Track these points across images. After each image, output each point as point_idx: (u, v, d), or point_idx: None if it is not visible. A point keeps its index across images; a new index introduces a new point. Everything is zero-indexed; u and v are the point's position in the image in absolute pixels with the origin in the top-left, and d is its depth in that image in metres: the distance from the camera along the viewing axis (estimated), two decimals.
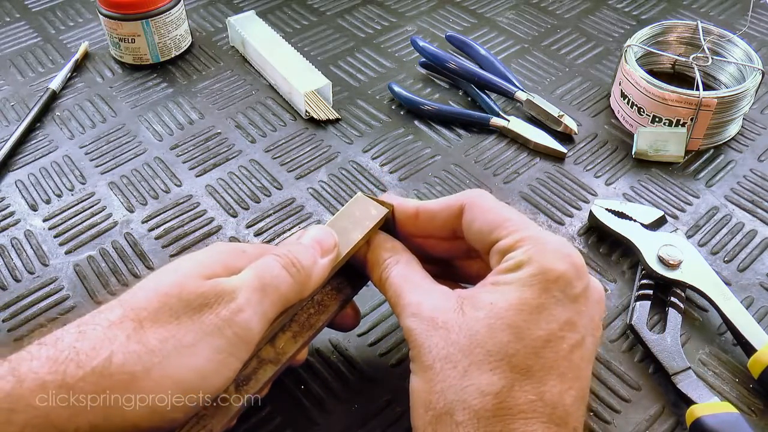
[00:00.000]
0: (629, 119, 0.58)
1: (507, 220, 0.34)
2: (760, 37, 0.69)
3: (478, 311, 0.31)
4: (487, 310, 0.30)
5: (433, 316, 0.31)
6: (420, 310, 0.32)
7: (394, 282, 0.34)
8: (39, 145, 0.58)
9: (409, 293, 0.33)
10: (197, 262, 0.33)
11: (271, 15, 0.73)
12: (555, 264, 0.31)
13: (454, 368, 0.30)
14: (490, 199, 0.35)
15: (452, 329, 0.31)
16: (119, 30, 0.63)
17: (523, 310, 0.30)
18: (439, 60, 0.62)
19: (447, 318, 0.31)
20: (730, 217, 0.51)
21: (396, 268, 0.35)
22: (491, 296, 0.31)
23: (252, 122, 0.60)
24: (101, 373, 0.27)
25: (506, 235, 0.33)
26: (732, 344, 0.43)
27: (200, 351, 0.29)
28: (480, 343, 0.30)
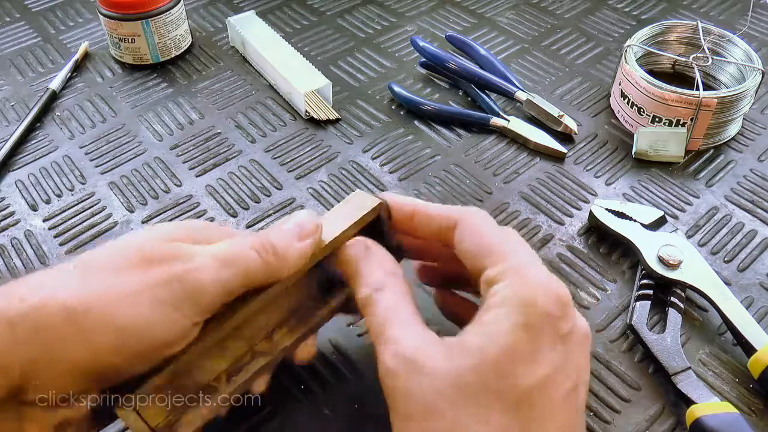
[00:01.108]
0: (629, 119, 0.58)
1: (494, 245, 0.32)
2: (760, 37, 0.69)
3: (466, 358, 0.28)
4: (476, 357, 0.28)
5: (415, 358, 0.28)
6: (403, 348, 0.29)
7: (382, 309, 0.31)
8: (39, 145, 0.58)
9: (394, 327, 0.30)
10: (162, 229, 0.32)
11: (271, 15, 0.73)
12: (542, 302, 0.29)
13: (440, 420, 0.27)
14: (483, 219, 0.34)
15: (437, 376, 0.28)
16: (119, 30, 0.63)
17: (515, 355, 0.28)
18: (439, 60, 0.62)
19: (433, 363, 0.28)
20: (730, 217, 0.51)
21: (387, 294, 0.32)
22: (480, 339, 0.28)
23: (252, 122, 0.60)
24: (42, 307, 0.28)
25: (492, 264, 0.31)
26: (732, 344, 0.43)
27: (143, 299, 0.29)
28: (470, 394, 0.27)
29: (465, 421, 0.27)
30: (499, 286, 0.30)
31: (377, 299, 0.32)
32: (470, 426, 0.27)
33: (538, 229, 0.50)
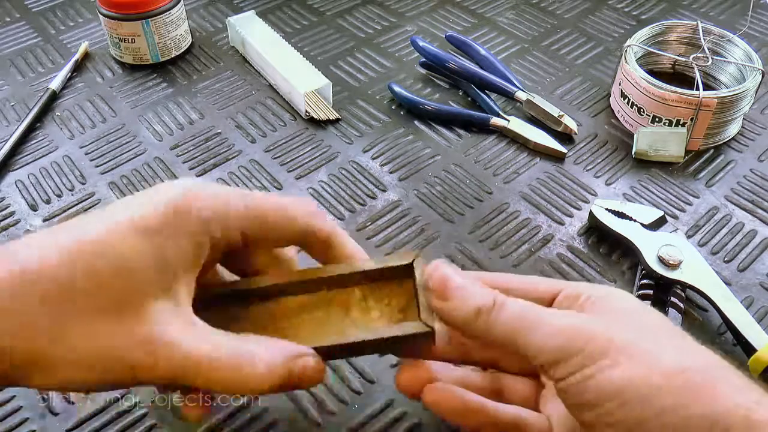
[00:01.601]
0: (629, 119, 0.58)
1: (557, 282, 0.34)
2: (760, 37, 0.69)
3: (618, 303, 0.31)
4: (627, 302, 0.31)
5: (582, 316, 0.30)
6: (567, 315, 0.30)
7: (517, 309, 0.30)
8: (39, 145, 0.58)
9: (538, 314, 0.30)
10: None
11: (271, 15, 0.73)
12: None
13: (659, 341, 0.28)
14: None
15: (614, 318, 0.30)
16: (119, 30, 0.63)
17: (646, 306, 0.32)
18: (439, 60, 0.62)
19: (602, 312, 0.30)
20: (730, 217, 0.51)
21: (510, 303, 0.30)
22: (617, 303, 0.31)
23: (252, 122, 0.60)
24: None
25: (567, 287, 0.32)
26: (732, 344, 0.43)
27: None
28: (657, 322, 0.30)
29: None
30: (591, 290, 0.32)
31: (500, 313, 0.30)
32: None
33: (538, 229, 0.50)
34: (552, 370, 0.28)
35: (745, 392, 0.26)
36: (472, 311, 0.30)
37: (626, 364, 0.27)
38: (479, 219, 0.51)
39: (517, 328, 0.29)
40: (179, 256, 0.29)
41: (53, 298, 0.26)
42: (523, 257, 0.48)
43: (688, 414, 0.25)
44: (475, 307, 0.30)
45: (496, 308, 0.30)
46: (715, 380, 0.26)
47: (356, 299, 0.34)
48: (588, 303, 0.31)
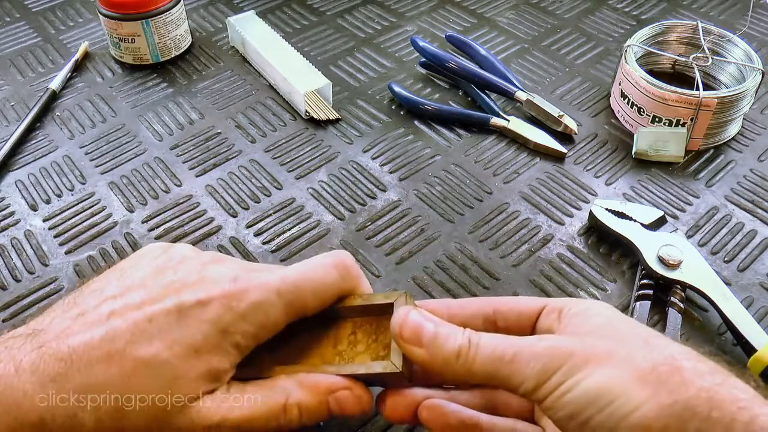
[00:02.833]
0: (629, 119, 0.58)
1: (544, 299, 0.34)
2: (760, 37, 0.69)
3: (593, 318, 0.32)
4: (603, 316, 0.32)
5: (559, 337, 0.31)
6: (544, 339, 0.30)
7: (490, 344, 0.30)
8: (39, 145, 0.58)
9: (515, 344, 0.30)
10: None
11: (271, 15, 0.73)
12: None
13: (630, 345, 0.29)
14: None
15: (590, 334, 0.30)
16: (119, 30, 0.63)
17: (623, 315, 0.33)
18: (439, 60, 0.62)
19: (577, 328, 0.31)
20: (730, 217, 0.51)
21: (485, 340, 0.30)
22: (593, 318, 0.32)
23: (252, 122, 0.60)
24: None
25: (551, 303, 0.33)
26: (732, 344, 0.43)
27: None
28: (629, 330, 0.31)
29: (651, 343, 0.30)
30: (572, 304, 0.33)
31: (478, 345, 0.30)
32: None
33: (538, 229, 0.50)
34: (535, 394, 0.29)
35: (709, 376, 0.28)
36: (452, 355, 0.30)
37: (601, 370, 0.28)
38: (479, 219, 0.51)
39: (496, 363, 0.30)
40: (223, 358, 0.32)
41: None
42: (523, 257, 0.48)
43: (661, 404, 0.27)
44: (453, 350, 0.30)
45: (472, 348, 0.30)
46: (682, 370, 0.28)
47: (346, 333, 0.35)
48: (567, 317, 0.32)
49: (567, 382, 0.28)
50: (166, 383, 0.30)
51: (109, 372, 0.30)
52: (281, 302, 0.32)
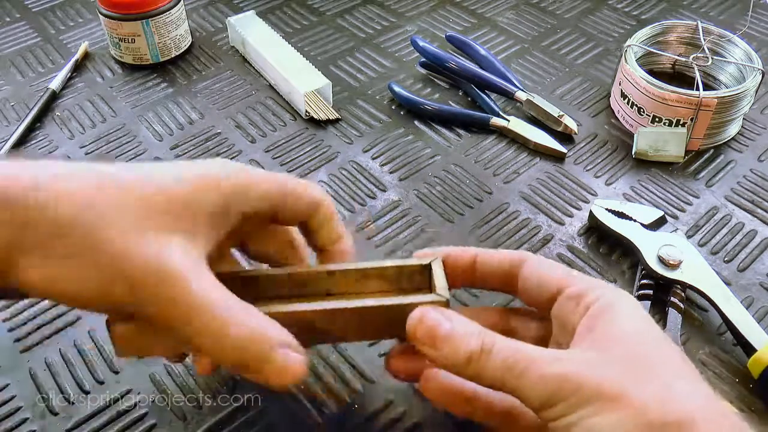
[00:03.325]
0: (629, 119, 0.58)
1: (569, 274, 0.33)
2: (760, 37, 0.69)
3: (616, 325, 0.30)
4: (626, 322, 0.30)
5: (576, 357, 0.30)
6: (559, 360, 0.29)
7: (505, 348, 0.30)
8: (39, 145, 0.58)
9: (529, 357, 0.29)
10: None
11: (271, 15, 0.73)
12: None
13: (649, 385, 0.28)
14: (546, 259, 0.35)
15: (610, 353, 0.29)
16: (119, 30, 0.63)
17: (647, 316, 0.31)
18: (439, 60, 0.62)
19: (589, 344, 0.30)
20: (730, 217, 0.51)
21: (498, 337, 0.30)
22: (616, 327, 0.30)
23: (252, 122, 0.60)
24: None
25: (573, 284, 0.32)
26: (732, 344, 0.43)
27: None
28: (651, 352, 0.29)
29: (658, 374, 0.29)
30: (598, 293, 0.31)
31: (491, 350, 0.30)
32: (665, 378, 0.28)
33: (538, 229, 0.50)
34: (540, 413, 0.29)
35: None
36: (462, 360, 0.30)
37: (609, 412, 0.27)
38: (479, 219, 0.51)
39: (506, 374, 0.29)
40: (205, 212, 0.30)
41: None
42: None
43: None
44: (465, 356, 0.30)
45: (484, 355, 0.30)
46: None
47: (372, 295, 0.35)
48: (591, 315, 0.31)
49: (570, 416, 0.28)
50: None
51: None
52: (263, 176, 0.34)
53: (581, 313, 0.31)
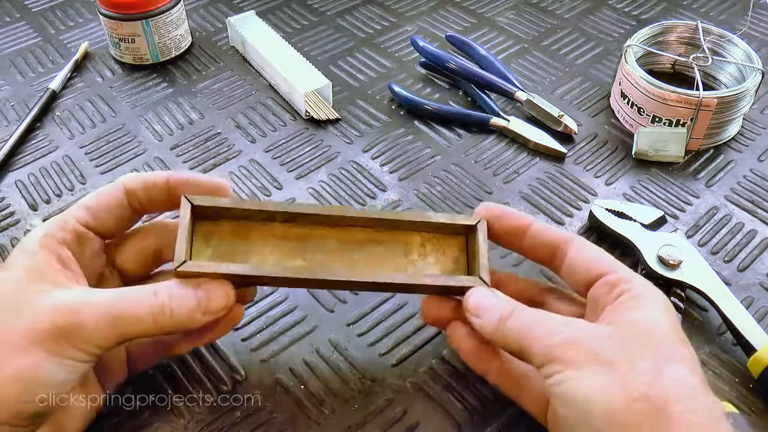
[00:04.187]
0: (629, 119, 0.58)
1: (613, 261, 0.35)
2: (760, 37, 0.69)
3: (637, 312, 0.32)
4: (647, 311, 0.32)
5: (587, 326, 0.32)
6: (571, 324, 0.32)
7: (523, 315, 0.33)
8: (39, 145, 0.58)
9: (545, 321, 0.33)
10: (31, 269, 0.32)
11: (271, 15, 0.73)
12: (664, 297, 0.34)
13: (642, 362, 0.30)
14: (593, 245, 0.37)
15: (619, 330, 0.31)
16: (119, 30, 0.63)
17: (673, 318, 0.33)
18: (439, 60, 0.62)
19: (606, 323, 0.32)
20: (730, 217, 0.51)
21: (522, 311, 0.34)
22: (637, 314, 0.32)
23: (252, 122, 0.60)
24: None
25: (613, 272, 0.34)
26: (732, 344, 0.43)
27: (38, 355, 0.30)
28: (656, 339, 0.31)
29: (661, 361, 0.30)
30: (634, 284, 0.33)
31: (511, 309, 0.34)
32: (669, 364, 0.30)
33: None
34: (540, 369, 0.31)
35: (697, 428, 0.28)
36: (495, 322, 0.34)
37: (595, 378, 0.29)
38: None
39: (524, 332, 0.32)
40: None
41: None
42: (522, 257, 0.48)
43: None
44: (497, 317, 0.34)
45: (511, 316, 0.33)
46: (669, 414, 0.28)
47: (416, 244, 0.39)
48: (615, 303, 0.33)
49: (562, 374, 0.30)
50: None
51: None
52: None
53: (613, 298, 0.33)
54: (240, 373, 0.41)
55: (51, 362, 0.30)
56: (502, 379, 0.37)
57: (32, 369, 0.30)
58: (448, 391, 0.40)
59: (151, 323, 0.32)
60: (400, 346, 0.43)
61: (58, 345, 0.30)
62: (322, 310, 0.45)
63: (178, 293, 0.33)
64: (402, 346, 0.43)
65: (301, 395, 0.40)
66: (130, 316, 0.32)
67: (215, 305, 0.33)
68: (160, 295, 0.32)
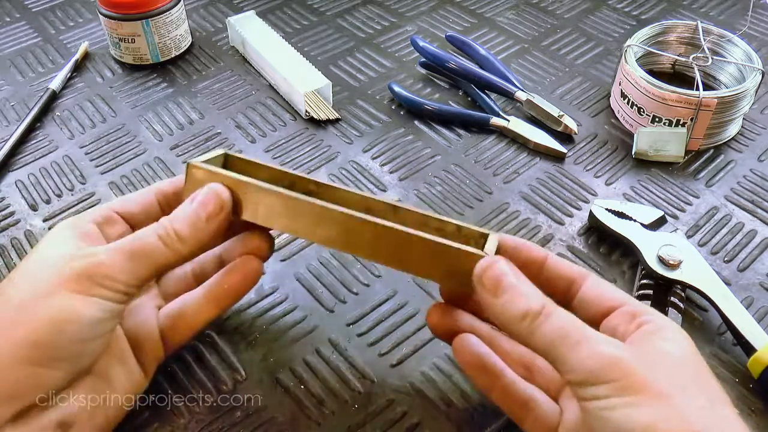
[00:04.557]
0: (629, 119, 0.58)
1: (627, 296, 0.34)
2: (760, 37, 0.69)
3: (669, 344, 0.30)
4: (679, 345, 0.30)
5: (629, 347, 0.30)
6: (613, 343, 0.30)
7: (562, 317, 0.31)
8: (39, 145, 0.58)
9: (584, 332, 0.30)
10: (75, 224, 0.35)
11: (271, 15, 0.73)
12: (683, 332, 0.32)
13: (696, 398, 0.28)
14: (606, 281, 0.36)
15: (659, 359, 0.29)
16: (119, 30, 0.63)
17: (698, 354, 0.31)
18: (439, 60, 0.62)
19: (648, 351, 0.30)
20: (730, 217, 0.51)
21: (558, 314, 0.31)
22: (668, 345, 0.30)
23: (252, 122, 0.60)
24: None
25: (629, 304, 0.33)
26: (732, 344, 0.43)
27: (60, 294, 0.32)
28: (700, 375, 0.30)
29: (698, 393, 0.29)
30: (653, 316, 0.31)
31: (551, 310, 0.31)
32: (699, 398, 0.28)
33: (538, 229, 0.50)
34: (581, 389, 0.29)
35: None
36: (519, 313, 0.31)
37: (653, 408, 0.27)
38: (479, 219, 0.51)
39: (558, 340, 0.30)
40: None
41: None
42: None
43: None
44: (523, 309, 0.31)
45: (542, 316, 0.30)
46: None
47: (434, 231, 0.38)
48: (639, 332, 0.31)
49: (615, 399, 0.28)
50: None
51: None
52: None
53: (635, 326, 0.31)
54: (240, 373, 0.41)
55: (79, 300, 0.32)
56: (507, 400, 0.36)
57: (62, 308, 0.31)
58: (448, 391, 0.40)
59: (162, 248, 0.34)
60: (400, 346, 0.43)
61: (83, 284, 0.32)
62: (322, 310, 0.45)
63: (175, 214, 0.35)
64: (402, 346, 0.43)
65: (301, 395, 0.40)
66: (142, 246, 0.34)
67: (211, 208, 0.35)
68: (162, 221, 0.35)
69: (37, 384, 0.31)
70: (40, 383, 0.31)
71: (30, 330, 0.31)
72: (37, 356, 0.31)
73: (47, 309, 0.31)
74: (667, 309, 0.43)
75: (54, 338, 0.31)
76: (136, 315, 0.38)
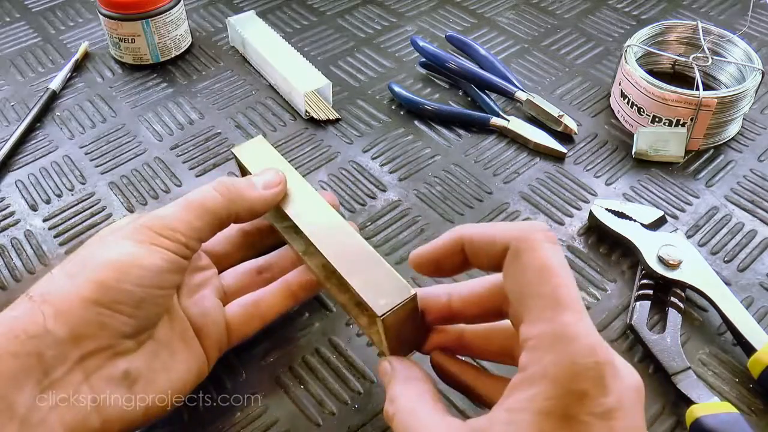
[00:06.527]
0: (629, 119, 0.58)
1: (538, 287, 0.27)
2: (760, 37, 0.69)
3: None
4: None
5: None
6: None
7: (401, 420, 0.31)
8: (39, 145, 0.58)
9: (420, 418, 0.30)
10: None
11: (271, 15, 0.73)
12: (577, 381, 0.25)
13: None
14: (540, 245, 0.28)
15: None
16: (119, 30, 0.63)
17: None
18: (439, 60, 0.62)
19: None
20: (730, 217, 0.51)
21: (403, 401, 0.31)
22: (507, 429, 0.25)
23: (252, 122, 0.60)
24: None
25: (532, 320, 0.27)
26: (732, 344, 0.43)
27: (125, 242, 0.34)
28: None
29: None
30: (533, 356, 0.26)
31: (395, 411, 0.31)
32: None
33: None
34: None
35: None
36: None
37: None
38: (479, 219, 0.51)
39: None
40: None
41: None
42: None
43: None
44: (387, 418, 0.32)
45: (392, 421, 0.31)
46: None
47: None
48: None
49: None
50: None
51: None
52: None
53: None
54: (240, 373, 0.41)
55: (142, 247, 0.34)
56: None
57: (125, 254, 0.33)
58: (447, 392, 0.40)
59: (219, 199, 0.37)
60: None
61: (145, 234, 0.34)
62: (322, 310, 0.45)
63: (234, 179, 0.39)
64: None
65: (301, 395, 0.40)
66: (200, 198, 0.36)
67: (270, 177, 0.40)
68: (221, 178, 0.38)
69: (103, 325, 0.32)
70: (105, 326, 0.32)
71: (95, 272, 0.32)
72: (103, 297, 0.32)
73: (112, 254, 0.33)
74: (667, 309, 0.43)
75: (118, 279, 0.32)
76: (202, 304, 0.38)
